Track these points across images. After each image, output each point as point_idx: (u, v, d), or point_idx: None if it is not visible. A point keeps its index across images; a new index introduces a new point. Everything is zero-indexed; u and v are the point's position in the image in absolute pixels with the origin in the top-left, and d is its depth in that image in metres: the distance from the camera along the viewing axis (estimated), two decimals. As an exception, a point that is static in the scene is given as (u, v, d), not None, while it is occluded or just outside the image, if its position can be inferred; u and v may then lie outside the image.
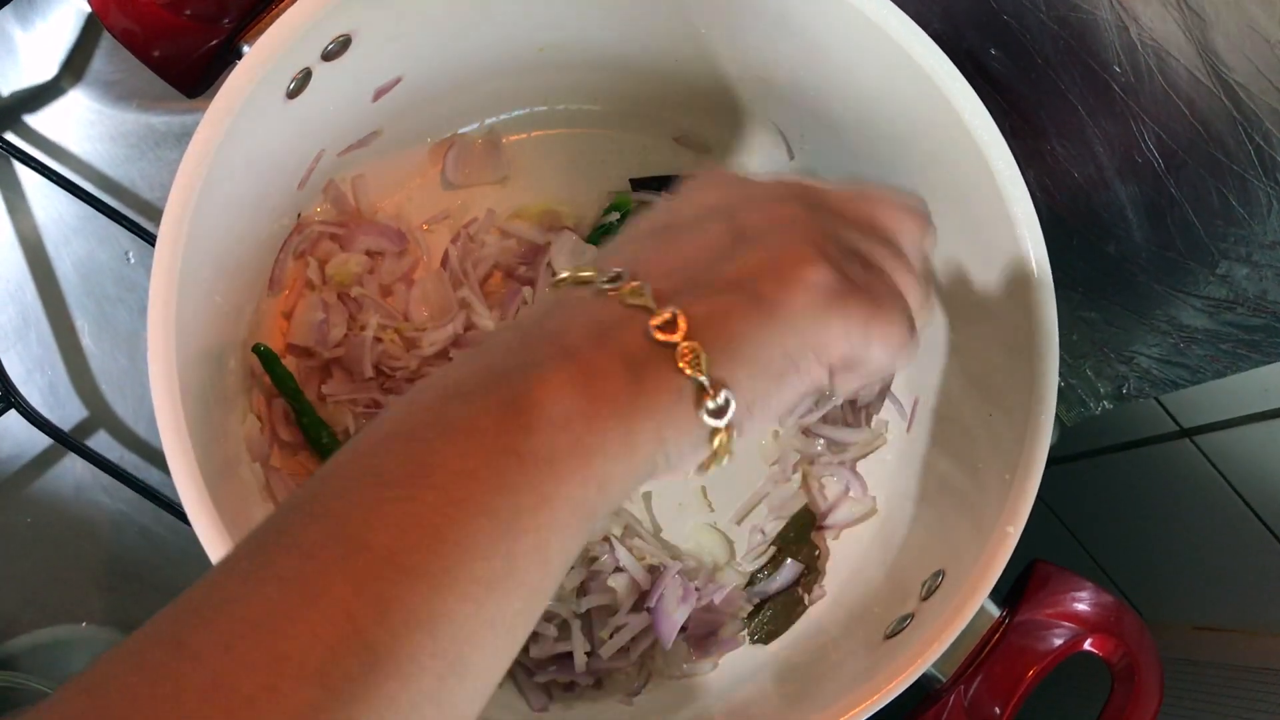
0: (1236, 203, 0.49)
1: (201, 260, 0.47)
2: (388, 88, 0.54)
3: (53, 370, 0.64)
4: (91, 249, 0.65)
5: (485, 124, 0.61)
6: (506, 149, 0.62)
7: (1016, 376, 0.50)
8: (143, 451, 0.64)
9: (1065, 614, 0.50)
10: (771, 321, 0.34)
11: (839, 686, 0.48)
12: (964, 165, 0.50)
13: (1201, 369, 0.58)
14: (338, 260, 0.58)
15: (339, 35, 0.48)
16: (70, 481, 0.64)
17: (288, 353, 0.57)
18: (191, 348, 0.47)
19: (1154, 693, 0.49)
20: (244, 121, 0.46)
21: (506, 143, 0.62)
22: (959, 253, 0.54)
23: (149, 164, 0.65)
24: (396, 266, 0.59)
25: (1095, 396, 0.65)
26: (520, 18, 0.54)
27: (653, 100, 0.60)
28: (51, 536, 0.64)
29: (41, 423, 0.60)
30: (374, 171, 0.59)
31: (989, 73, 0.56)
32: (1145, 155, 0.52)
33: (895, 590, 0.52)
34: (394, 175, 0.60)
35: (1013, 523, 0.47)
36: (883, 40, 0.49)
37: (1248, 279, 0.52)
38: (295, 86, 0.48)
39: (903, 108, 0.51)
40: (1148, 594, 0.85)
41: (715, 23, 0.53)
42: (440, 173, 0.61)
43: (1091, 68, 0.52)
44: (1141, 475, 0.79)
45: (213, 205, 0.46)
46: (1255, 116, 0.46)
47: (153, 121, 0.66)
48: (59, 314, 0.65)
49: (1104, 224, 0.57)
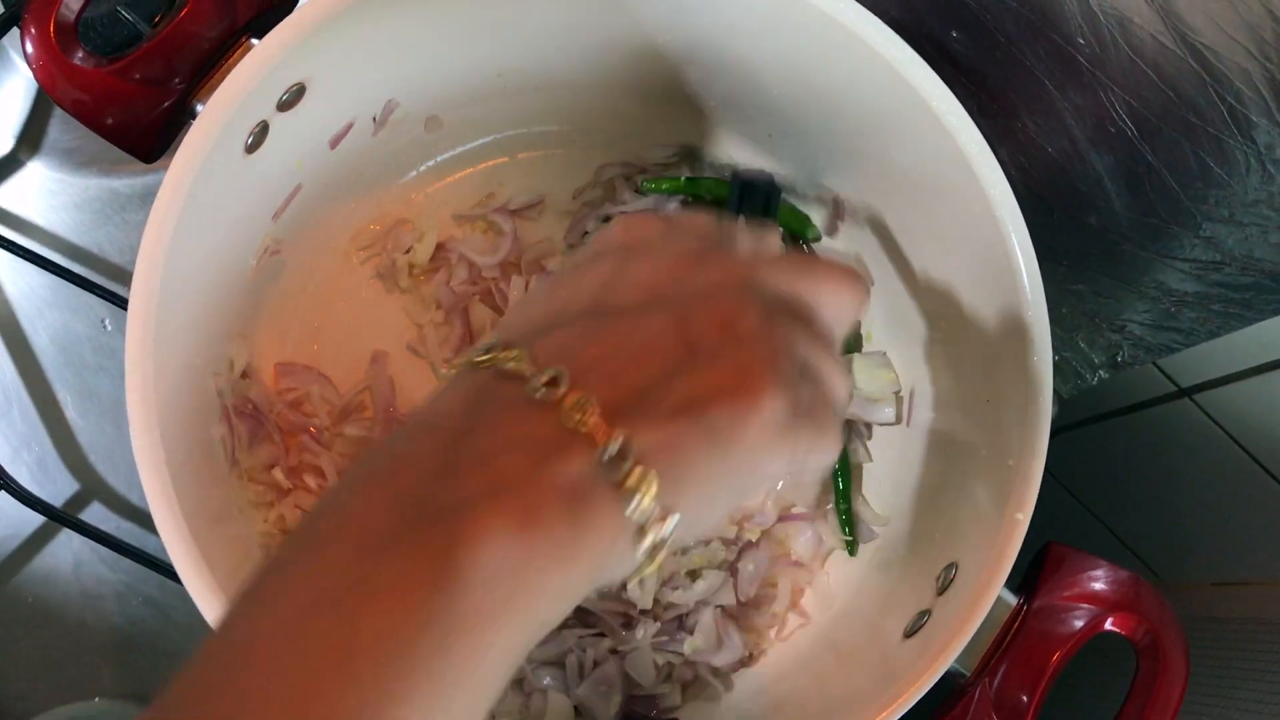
0: (1214, 164, 0.49)
1: (178, 323, 0.47)
2: (344, 133, 0.53)
3: (39, 446, 0.63)
4: (66, 320, 0.64)
5: (455, 152, 0.61)
6: (477, 175, 0.61)
7: (1010, 359, 0.49)
8: (139, 520, 0.63)
9: (1083, 595, 0.50)
10: (725, 457, 0.32)
11: (862, 693, 0.47)
12: (935, 151, 0.49)
13: (1194, 331, 0.58)
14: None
15: (293, 84, 0.48)
16: (68, 557, 0.63)
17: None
18: (174, 413, 0.46)
19: (1180, 667, 0.49)
20: (205, 181, 0.45)
21: (478, 170, 0.61)
22: (939, 240, 0.53)
23: (116, 229, 0.65)
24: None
25: (1090, 367, 0.64)
26: (475, 46, 0.54)
27: (617, 116, 0.60)
28: (55, 613, 0.63)
29: (33, 501, 0.60)
30: (340, 214, 0.58)
31: (952, 55, 0.56)
32: (1118, 124, 0.51)
33: (909, 587, 0.51)
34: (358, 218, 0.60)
35: (1021, 509, 0.47)
36: (843, 35, 0.48)
37: (1233, 239, 0.51)
38: (254, 140, 0.48)
39: (869, 100, 0.50)
40: (1164, 556, 0.85)
41: (673, 34, 0.53)
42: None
43: (1055, 41, 0.51)
44: (1145, 438, 0.79)
45: (182, 267, 0.46)
46: (1224, 77, 0.45)
47: (115, 185, 0.65)
48: (40, 388, 0.64)
49: (1083, 196, 0.56)
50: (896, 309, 0.59)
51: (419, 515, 0.28)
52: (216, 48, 0.49)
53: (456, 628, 0.27)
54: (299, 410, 0.57)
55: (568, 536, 0.29)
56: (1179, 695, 0.49)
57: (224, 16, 0.49)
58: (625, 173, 0.63)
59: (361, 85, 0.52)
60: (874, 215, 0.57)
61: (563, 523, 0.29)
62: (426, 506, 0.29)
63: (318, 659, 0.27)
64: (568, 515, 0.29)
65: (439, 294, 0.60)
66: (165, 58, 0.48)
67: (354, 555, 0.28)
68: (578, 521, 0.29)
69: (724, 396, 0.32)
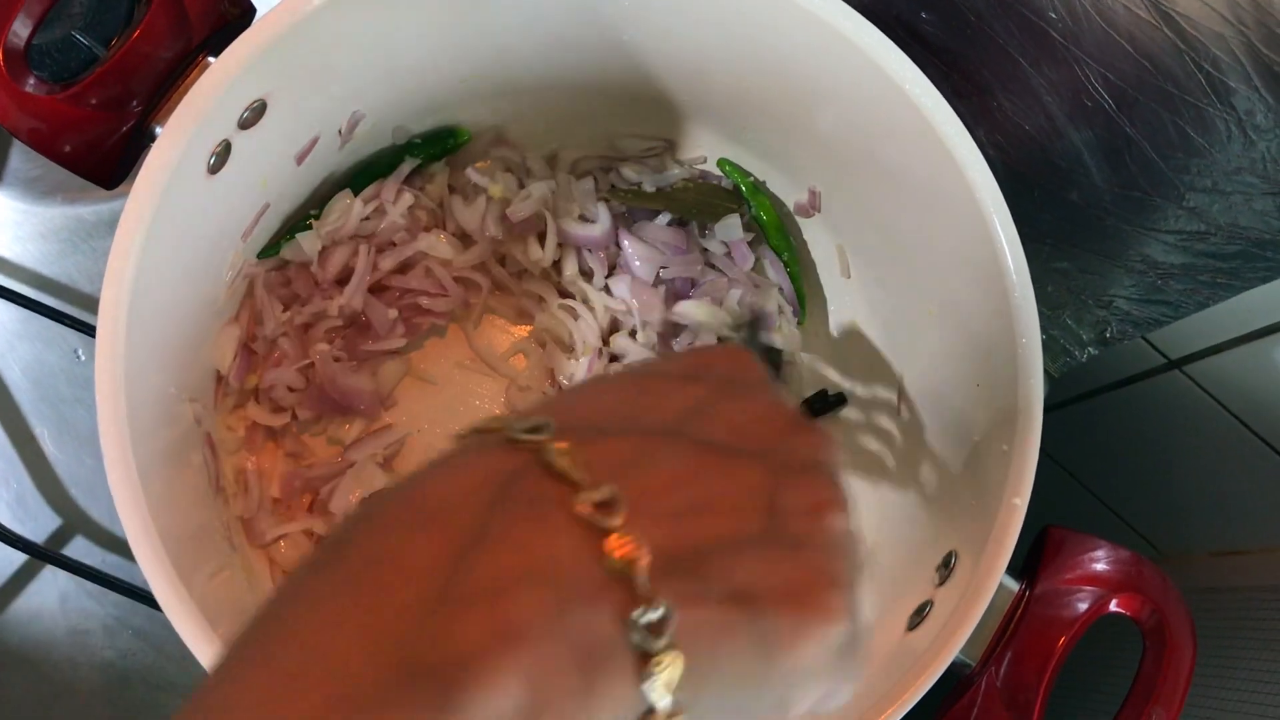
0: (1194, 133, 0.48)
1: (149, 353, 0.45)
2: (309, 148, 0.52)
3: (18, 483, 0.62)
4: (38, 352, 0.63)
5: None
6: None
7: (997, 342, 0.48)
8: (125, 551, 0.61)
9: (1086, 577, 0.49)
10: (764, 669, 0.26)
11: (867, 689, 0.46)
12: (910, 136, 0.48)
13: (1182, 303, 0.57)
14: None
15: (253, 101, 0.47)
16: (54, 594, 0.62)
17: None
18: (151, 442, 0.45)
19: (1187, 645, 0.48)
20: (168, 205, 0.44)
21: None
22: (920, 226, 0.52)
23: (83, 257, 0.64)
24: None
25: (1079, 344, 0.64)
26: (439, 52, 0.53)
27: (584, 114, 0.59)
28: (44, 651, 0.62)
29: (14, 539, 0.58)
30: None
31: (923, 37, 0.55)
32: (1094, 98, 0.51)
33: (910, 580, 0.51)
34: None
35: (1018, 494, 0.46)
36: (812, 22, 0.47)
37: (1217, 208, 0.51)
38: (216, 160, 0.47)
39: (841, 87, 0.50)
40: (1162, 528, 0.84)
41: (639, 28, 0.52)
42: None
43: (1027, 17, 0.51)
44: (1137, 412, 0.78)
45: (150, 294, 0.44)
46: (1200, 44, 0.45)
47: (81, 213, 0.64)
48: (15, 423, 0.63)
49: (1063, 172, 0.56)
50: (881, 297, 0.58)
51: (411, 674, 0.22)
52: (173, 68, 0.48)
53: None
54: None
55: (575, 707, 0.24)
56: (1188, 673, 0.48)
57: (179, 35, 0.48)
58: (603, 165, 0.62)
59: (324, 98, 0.51)
60: (854, 204, 0.56)
61: (574, 690, 0.24)
62: (420, 659, 0.23)
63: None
64: (582, 683, 0.24)
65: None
66: (121, 80, 0.47)
67: (330, 711, 0.22)
68: (590, 683, 0.24)
69: (792, 601, 0.27)
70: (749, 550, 0.27)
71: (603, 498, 0.25)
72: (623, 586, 0.24)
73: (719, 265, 0.62)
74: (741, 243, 0.61)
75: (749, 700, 0.27)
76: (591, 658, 0.24)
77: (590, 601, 0.24)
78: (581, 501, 0.25)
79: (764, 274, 0.62)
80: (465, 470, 0.26)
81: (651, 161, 0.61)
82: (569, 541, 0.25)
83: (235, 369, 0.55)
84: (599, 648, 0.24)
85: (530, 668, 0.23)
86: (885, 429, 0.58)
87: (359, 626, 0.23)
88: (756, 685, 0.27)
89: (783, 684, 0.27)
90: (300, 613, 0.24)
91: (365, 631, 0.23)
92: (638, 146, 0.61)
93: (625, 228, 0.61)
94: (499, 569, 0.24)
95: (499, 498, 0.25)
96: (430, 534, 0.25)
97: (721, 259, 0.62)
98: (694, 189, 0.61)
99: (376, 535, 0.25)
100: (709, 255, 0.62)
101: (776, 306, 0.61)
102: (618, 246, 0.61)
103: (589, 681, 0.24)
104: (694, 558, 0.26)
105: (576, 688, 0.24)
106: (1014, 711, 0.48)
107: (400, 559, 0.24)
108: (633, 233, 0.60)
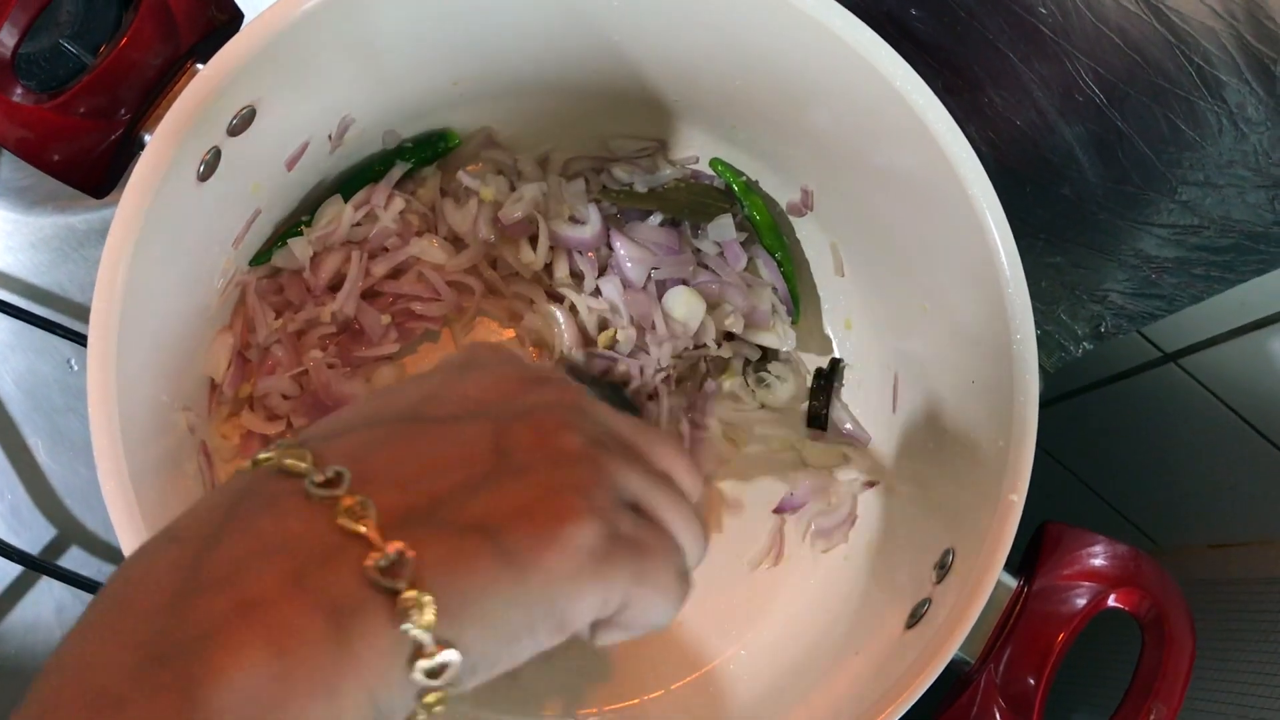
0: (1186, 127, 0.48)
1: (141, 362, 0.45)
2: (299, 153, 0.52)
3: (12, 494, 0.62)
4: (31, 362, 0.63)
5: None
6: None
7: (991, 337, 0.48)
8: (120, 561, 0.61)
9: (1084, 573, 0.49)
10: (518, 585, 0.28)
11: (866, 687, 0.46)
12: (902, 133, 0.48)
13: (1176, 297, 0.57)
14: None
15: (242, 108, 0.46)
16: (50, 605, 0.62)
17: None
18: (144, 451, 0.45)
19: (1186, 639, 0.48)
20: (158, 213, 0.44)
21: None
22: (913, 222, 0.52)
23: (75, 266, 0.63)
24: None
25: (1074, 339, 0.63)
26: (428, 56, 0.53)
27: (575, 116, 0.59)
28: (41, 662, 0.62)
29: (9, 551, 0.58)
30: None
31: (913, 34, 0.55)
32: (1085, 93, 0.51)
33: (908, 577, 0.51)
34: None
35: (1015, 490, 0.46)
36: (802, 20, 0.47)
37: (1210, 201, 0.51)
38: (206, 167, 0.46)
39: (832, 85, 0.50)
40: (1159, 521, 0.84)
41: (628, 29, 0.52)
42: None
43: (1016, 13, 0.51)
44: (1132, 406, 0.78)
45: (141, 303, 0.44)
46: (1191, 38, 0.45)
47: (72, 222, 0.64)
48: (9, 434, 0.62)
49: (1055, 168, 0.55)
50: (875, 294, 0.58)
51: (152, 658, 0.24)
52: (161, 75, 0.47)
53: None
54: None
55: (329, 660, 0.25)
56: (1187, 668, 0.48)
57: (167, 42, 0.47)
58: (595, 166, 0.62)
59: (314, 104, 0.51)
60: (847, 201, 0.56)
61: (322, 643, 0.25)
62: (161, 645, 0.24)
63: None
64: (329, 633, 0.25)
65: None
66: (109, 89, 0.46)
67: (82, 714, 0.24)
68: (342, 639, 0.25)
69: (526, 511, 0.29)
70: (481, 488, 0.29)
71: (327, 477, 0.28)
72: (358, 543, 0.27)
73: (712, 265, 0.62)
74: (734, 243, 0.61)
75: (520, 623, 0.29)
76: (340, 611, 0.26)
77: (327, 562, 0.26)
78: (308, 483, 0.28)
79: (757, 274, 0.62)
80: (212, 497, 0.29)
81: (643, 162, 0.61)
82: (302, 518, 0.27)
83: (229, 377, 0.54)
84: (345, 600, 0.26)
85: (274, 629, 0.25)
86: (880, 426, 0.58)
87: (110, 632, 0.25)
88: (520, 605, 0.28)
89: (544, 598, 0.29)
90: (63, 646, 0.26)
91: (114, 635, 0.25)
92: (630, 147, 0.61)
93: (617, 228, 0.61)
94: (235, 556, 0.26)
95: (234, 504, 0.28)
96: (174, 547, 0.27)
97: (714, 259, 0.62)
98: (686, 189, 0.60)
99: (133, 564, 0.27)
100: (702, 255, 0.62)
101: (770, 306, 0.61)
102: (609, 248, 0.61)
103: (342, 631, 0.25)
104: (429, 507, 0.28)
105: (328, 637, 0.25)
106: (1014, 708, 0.48)
107: (146, 577, 0.26)
108: (624, 233, 0.60)
